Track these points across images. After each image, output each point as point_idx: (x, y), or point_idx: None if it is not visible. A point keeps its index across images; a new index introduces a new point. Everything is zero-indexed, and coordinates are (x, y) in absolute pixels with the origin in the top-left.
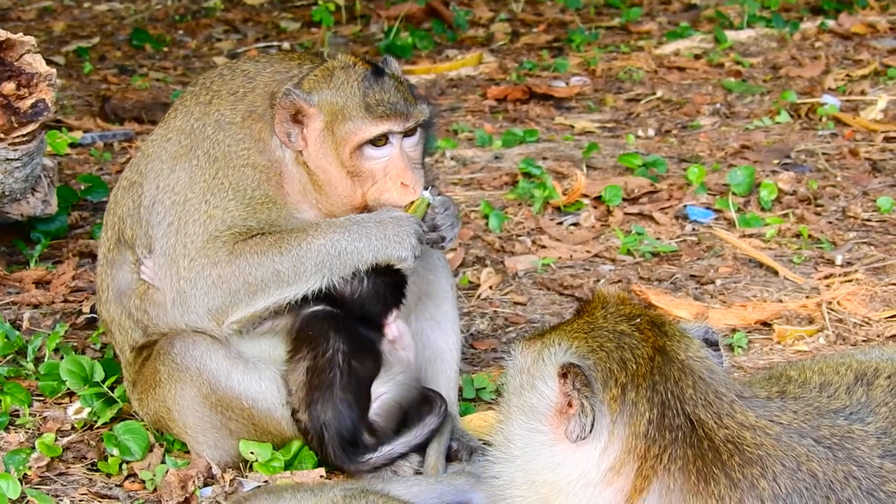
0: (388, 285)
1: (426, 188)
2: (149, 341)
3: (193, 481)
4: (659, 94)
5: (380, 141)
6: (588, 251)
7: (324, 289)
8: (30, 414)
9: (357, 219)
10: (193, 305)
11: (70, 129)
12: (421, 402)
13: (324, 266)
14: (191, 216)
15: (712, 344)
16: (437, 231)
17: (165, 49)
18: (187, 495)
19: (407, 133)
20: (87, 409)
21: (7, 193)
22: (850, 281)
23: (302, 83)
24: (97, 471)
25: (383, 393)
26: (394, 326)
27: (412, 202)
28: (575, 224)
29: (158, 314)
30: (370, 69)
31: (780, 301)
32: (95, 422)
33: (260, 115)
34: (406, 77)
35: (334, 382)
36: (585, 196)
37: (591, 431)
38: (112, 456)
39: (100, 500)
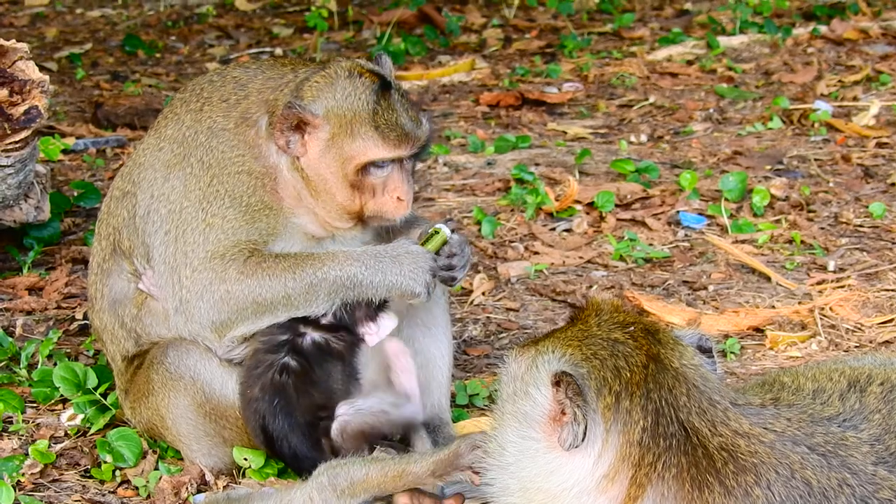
0: None
1: (445, 222)
2: (140, 351)
3: (187, 488)
4: (651, 99)
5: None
6: (581, 257)
7: (329, 312)
8: (23, 421)
9: (374, 252)
10: (197, 316)
11: (63, 135)
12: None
13: (336, 295)
14: (188, 224)
15: (706, 351)
16: (451, 270)
17: (158, 55)
18: (180, 502)
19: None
20: (81, 416)
21: (0, 200)
22: (842, 287)
23: (303, 91)
24: (90, 477)
25: (343, 415)
26: (384, 341)
27: (431, 234)
28: (567, 230)
29: (154, 324)
30: (377, 83)
31: (773, 307)
32: (89, 428)
33: (254, 122)
34: (397, 77)
35: (286, 401)
36: (578, 202)
37: (583, 440)
38: (105, 462)
39: None
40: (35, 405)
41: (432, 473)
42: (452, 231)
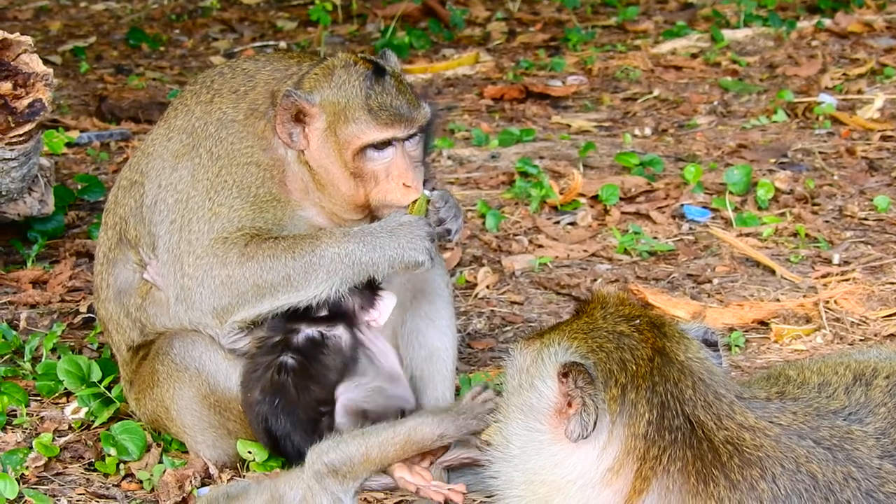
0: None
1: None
2: (146, 341)
3: (190, 481)
4: (656, 93)
5: (382, 144)
6: (585, 250)
7: (332, 297)
8: (27, 414)
9: (369, 229)
10: (198, 303)
11: (67, 128)
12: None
13: (335, 274)
14: (194, 213)
15: (712, 345)
16: (442, 224)
17: (162, 48)
18: (184, 495)
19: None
20: (85, 409)
21: (4, 193)
22: (847, 280)
23: (303, 82)
24: (94, 471)
25: (344, 393)
26: (375, 314)
27: (413, 202)
28: (572, 223)
29: (158, 314)
30: (371, 68)
31: (778, 300)
32: (93, 422)
33: (262, 114)
34: (403, 71)
35: (287, 399)
36: (582, 195)
37: (593, 430)
38: (109, 456)
39: (97, 500)
40: (39, 398)
41: (440, 437)
42: (432, 190)
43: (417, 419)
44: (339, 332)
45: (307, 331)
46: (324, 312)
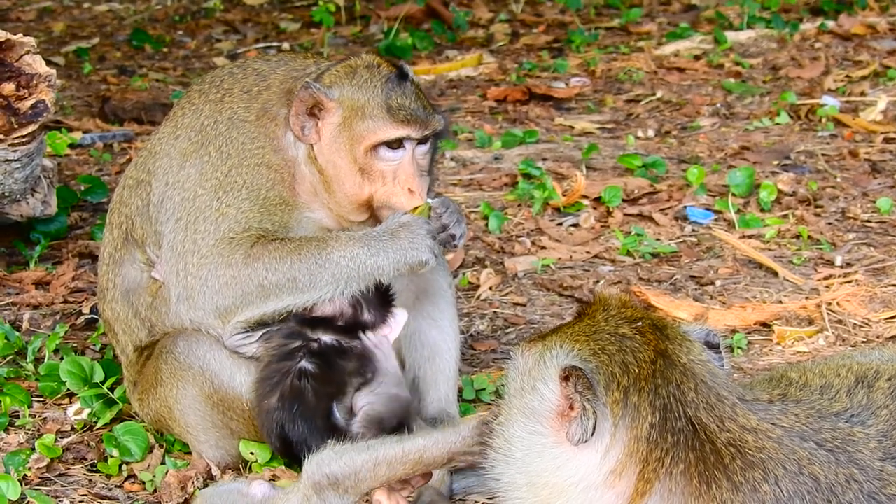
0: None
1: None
2: (152, 341)
3: (193, 482)
4: (659, 94)
5: (395, 144)
6: (588, 252)
7: (336, 298)
8: (29, 415)
9: (372, 233)
10: (201, 302)
11: (70, 129)
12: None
13: (340, 278)
14: (201, 213)
15: (714, 347)
16: (446, 231)
17: (165, 49)
18: (187, 496)
19: (421, 140)
20: (87, 410)
21: (7, 194)
22: (849, 282)
23: (322, 78)
24: (97, 472)
25: (365, 404)
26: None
27: (415, 208)
28: (575, 225)
29: (169, 312)
30: (395, 71)
31: (780, 302)
32: (95, 423)
33: (274, 115)
34: (417, 79)
35: (305, 405)
36: (585, 197)
37: (592, 434)
38: (112, 457)
39: (100, 501)
40: (41, 399)
41: (449, 461)
42: (434, 197)
43: (429, 439)
44: (357, 342)
45: (326, 339)
46: (340, 323)
